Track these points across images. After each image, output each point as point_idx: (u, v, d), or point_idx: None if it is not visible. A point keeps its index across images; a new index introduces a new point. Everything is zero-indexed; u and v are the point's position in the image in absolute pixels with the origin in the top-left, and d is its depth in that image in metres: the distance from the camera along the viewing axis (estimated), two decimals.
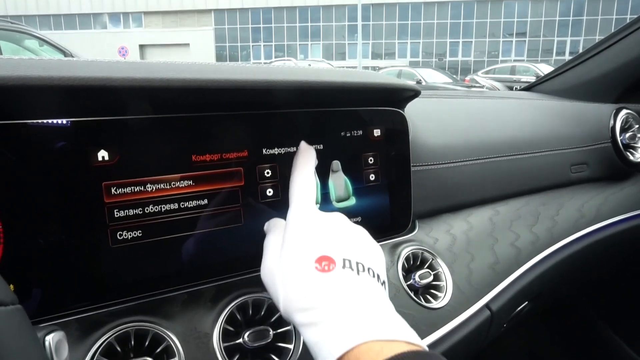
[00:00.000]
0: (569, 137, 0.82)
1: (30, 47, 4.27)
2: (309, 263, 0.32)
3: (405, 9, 24.77)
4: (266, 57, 25.49)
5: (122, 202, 0.38)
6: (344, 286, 0.31)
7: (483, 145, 0.70)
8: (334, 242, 0.34)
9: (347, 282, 0.31)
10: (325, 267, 0.32)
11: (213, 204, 0.42)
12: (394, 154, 0.54)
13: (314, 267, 0.32)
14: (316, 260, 0.32)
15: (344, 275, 0.32)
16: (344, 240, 0.35)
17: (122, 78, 0.36)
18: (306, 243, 0.34)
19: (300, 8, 25.36)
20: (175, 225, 0.41)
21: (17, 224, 0.34)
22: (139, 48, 25.67)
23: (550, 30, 23.91)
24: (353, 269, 0.32)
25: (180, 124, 0.41)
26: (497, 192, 0.71)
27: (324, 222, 0.36)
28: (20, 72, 0.33)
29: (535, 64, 11.87)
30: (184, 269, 0.42)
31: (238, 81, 0.41)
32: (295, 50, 26.05)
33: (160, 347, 0.38)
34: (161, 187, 0.40)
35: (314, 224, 0.36)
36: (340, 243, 0.34)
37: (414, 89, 0.55)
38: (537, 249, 0.68)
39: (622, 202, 0.82)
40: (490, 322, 0.58)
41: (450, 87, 7.15)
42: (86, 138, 0.37)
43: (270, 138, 0.45)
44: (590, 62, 1.00)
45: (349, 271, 0.32)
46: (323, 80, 0.47)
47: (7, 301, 0.21)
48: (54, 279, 0.36)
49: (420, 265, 0.57)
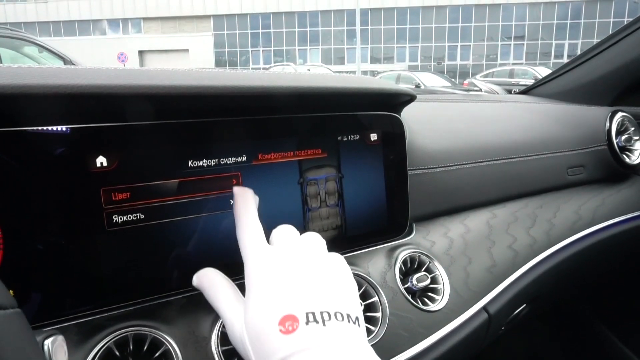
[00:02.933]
0: (566, 140, 0.83)
1: (29, 54, 4.28)
2: (273, 327, 0.31)
3: (403, 13, 24.87)
4: (265, 62, 25.56)
5: (121, 207, 0.39)
6: (310, 343, 0.30)
7: (480, 149, 0.70)
8: (294, 295, 0.33)
9: (313, 338, 0.31)
10: (289, 328, 0.31)
11: (210, 209, 0.43)
12: (391, 157, 0.55)
13: (277, 330, 0.31)
14: (279, 322, 0.31)
15: (308, 332, 0.31)
16: (306, 289, 0.33)
17: (121, 86, 0.37)
18: (267, 303, 0.33)
19: (298, 13, 25.46)
20: (173, 230, 0.41)
21: (16, 230, 0.35)
22: (138, 54, 25.75)
23: (548, 34, 24.00)
24: (318, 321, 0.31)
25: (179, 129, 0.41)
26: (494, 195, 0.72)
27: (283, 268, 0.35)
28: (20, 80, 0.33)
29: (533, 67, 11.90)
30: (182, 274, 0.42)
31: (237, 88, 0.42)
32: (294, 55, 26.13)
33: (159, 351, 0.38)
34: (159, 192, 0.40)
35: (272, 274, 0.34)
36: (302, 294, 0.33)
37: (410, 93, 0.56)
38: (535, 251, 0.68)
39: (619, 204, 0.83)
40: (488, 325, 0.59)
41: (449, 90, 7.15)
42: (85, 144, 0.37)
43: (268, 143, 0.46)
44: (586, 65, 1.00)
45: (314, 325, 0.31)
46: (320, 86, 0.47)
47: (7, 305, 0.22)
48: (53, 284, 0.37)
49: (417, 268, 0.57)
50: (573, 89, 1.01)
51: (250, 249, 0.37)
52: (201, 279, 0.39)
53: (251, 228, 0.38)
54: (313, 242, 0.38)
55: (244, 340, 0.33)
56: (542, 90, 1.08)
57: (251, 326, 0.33)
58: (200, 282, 0.39)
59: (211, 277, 0.39)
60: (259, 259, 0.36)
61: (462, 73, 23.53)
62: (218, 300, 0.37)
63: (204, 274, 0.39)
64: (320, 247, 0.39)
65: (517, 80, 10.86)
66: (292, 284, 0.34)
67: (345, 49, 25.82)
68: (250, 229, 0.38)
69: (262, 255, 0.36)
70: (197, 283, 0.39)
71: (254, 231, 0.38)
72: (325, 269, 0.36)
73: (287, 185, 0.47)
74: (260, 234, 0.38)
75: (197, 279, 0.39)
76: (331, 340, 0.31)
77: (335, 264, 0.37)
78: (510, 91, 7.31)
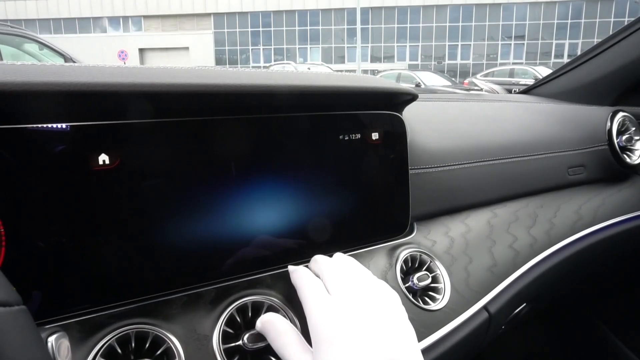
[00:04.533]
0: (566, 140, 0.83)
1: (30, 51, 4.27)
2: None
3: (404, 12, 24.84)
4: (265, 61, 25.55)
5: (122, 205, 0.39)
6: None
7: (481, 148, 0.70)
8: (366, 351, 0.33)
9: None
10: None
11: (213, 208, 0.43)
12: (391, 157, 0.55)
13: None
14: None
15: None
16: (376, 341, 0.34)
17: (123, 83, 0.37)
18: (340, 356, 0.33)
19: (299, 12, 25.43)
20: (175, 228, 0.41)
21: (19, 227, 0.35)
22: (138, 52, 25.73)
23: (548, 33, 23.98)
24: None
25: (180, 127, 0.41)
26: (494, 195, 0.72)
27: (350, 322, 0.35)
28: (22, 77, 0.33)
29: (533, 67, 11.90)
30: (183, 272, 0.42)
31: (239, 86, 0.42)
32: (295, 53, 26.11)
33: (160, 349, 0.39)
34: (161, 189, 0.40)
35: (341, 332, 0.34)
36: (373, 343, 0.33)
37: (412, 92, 0.56)
38: (535, 251, 0.68)
39: (619, 204, 0.83)
40: (489, 324, 0.59)
41: (449, 90, 7.16)
42: (86, 142, 0.37)
43: (269, 141, 0.46)
44: (587, 65, 1.00)
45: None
46: (322, 85, 0.47)
47: (12, 302, 0.22)
48: (55, 282, 0.37)
49: (418, 267, 0.57)
50: (574, 89, 1.01)
51: (312, 303, 0.38)
52: (265, 325, 0.39)
53: (310, 281, 0.40)
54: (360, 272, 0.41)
55: None
56: (543, 90, 1.08)
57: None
58: (265, 328, 0.39)
59: (276, 323, 0.39)
60: (323, 313, 0.36)
61: (462, 72, 23.52)
62: (285, 348, 0.37)
63: (268, 321, 0.40)
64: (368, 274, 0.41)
65: (518, 79, 10.86)
66: (362, 339, 0.34)
67: (345, 47, 25.81)
68: (310, 283, 0.40)
69: (325, 309, 0.37)
70: (261, 328, 0.40)
71: (313, 285, 0.40)
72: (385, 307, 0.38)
73: (288, 184, 0.47)
74: (320, 287, 0.39)
75: (261, 324, 0.40)
76: None
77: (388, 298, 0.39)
78: (511, 91, 7.31)
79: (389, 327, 0.36)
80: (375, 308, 0.37)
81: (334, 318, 0.36)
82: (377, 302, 0.38)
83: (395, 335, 0.35)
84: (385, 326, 0.36)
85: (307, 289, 0.39)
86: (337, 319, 0.35)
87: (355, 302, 0.37)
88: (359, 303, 0.37)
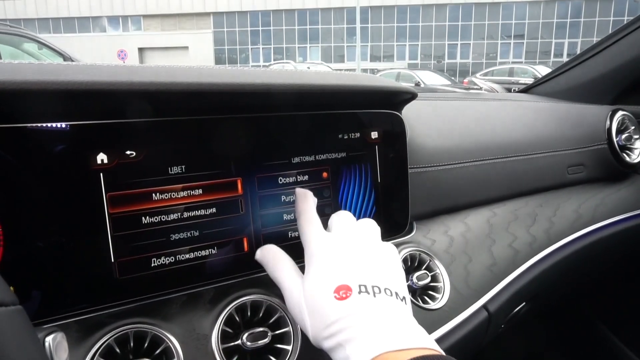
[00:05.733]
0: (566, 139, 0.83)
1: (29, 51, 4.26)
2: (329, 294, 0.36)
3: (403, 11, 24.83)
4: (265, 60, 25.52)
5: (121, 205, 0.39)
6: (362, 310, 0.34)
7: (480, 147, 0.70)
8: (350, 270, 0.37)
9: (364, 306, 0.34)
10: (342, 295, 0.35)
11: (212, 208, 0.43)
12: (391, 156, 0.55)
13: (333, 297, 0.35)
14: (334, 290, 0.36)
15: (360, 300, 0.35)
16: (360, 266, 0.38)
17: (122, 82, 0.36)
18: (324, 275, 0.37)
19: (298, 11, 25.42)
20: (174, 228, 0.41)
21: (17, 227, 0.35)
22: (138, 51, 25.70)
23: (548, 32, 23.99)
24: (369, 292, 0.35)
25: (179, 126, 0.41)
26: (494, 194, 0.72)
27: (340, 250, 0.39)
28: (21, 76, 0.33)
29: (533, 66, 11.88)
30: (182, 271, 0.42)
31: (239, 85, 0.42)
32: (294, 52, 26.10)
33: (159, 348, 0.38)
34: (160, 189, 0.40)
35: (331, 254, 0.39)
36: (356, 269, 0.37)
37: (411, 91, 0.55)
38: (535, 250, 0.68)
39: (618, 203, 0.83)
40: (488, 323, 0.59)
41: (449, 89, 7.16)
42: (85, 141, 0.37)
43: (268, 140, 0.46)
44: (586, 64, 1.00)
45: (365, 295, 0.35)
46: (321, 84, 0.47)
47: (8, 302, 0.22)
48: (54, 281, 0.37)
49: (418, 266, 0.57)
50: (573, 88, 1.01)
51: (311, 235, 0.41)
52: (264, 253, 0.43)
53: (312, 220, 0.42)
54: (368, 229, 0.43)
55: (301, 307, 0.37)
56: (542, 89, 1.08)
57: (309, 293, 0.37)
58: (263, 256, 0.43)
59: (274, 251, 0.43)
60: (319, 242, 0.40)
61: (462, 71, 23.52)
62: (279, 270, 0.41)
63: (267, 249, 0.43)
64: (375, 234, 0.43)
65: (517, 78, 10.84)
66: (348, 261, 0.38)
67: (345, 47, 25.80)
68: (311, 221, 0.42)
69: (322, 239, 0.40)
70: (260, 256, 0.43)
71: (314, 222, 0.42)
72: (378, 252, 0.40)
73: (288, 183, 0.47)
74: (320, 225, 0.42)
75: (261, 253, 0.43)
76: (380, 309, 0.35)
77: (387, 250, 0.41)
78: (510, 90, 7.30)
79: (380, 261, 0.39)
80: (370, 245, 0.40)
81: (329, 245, 0.40)
82: (373, 242, 0.41)
83: (385, 269, 0.39)
84: (376, 260, 0.39)
85: (309, 226, 0.42)
86: (331, 245, 0.40)
87: (351, 238, 0.41)
88: (355, 239, 0.41)
